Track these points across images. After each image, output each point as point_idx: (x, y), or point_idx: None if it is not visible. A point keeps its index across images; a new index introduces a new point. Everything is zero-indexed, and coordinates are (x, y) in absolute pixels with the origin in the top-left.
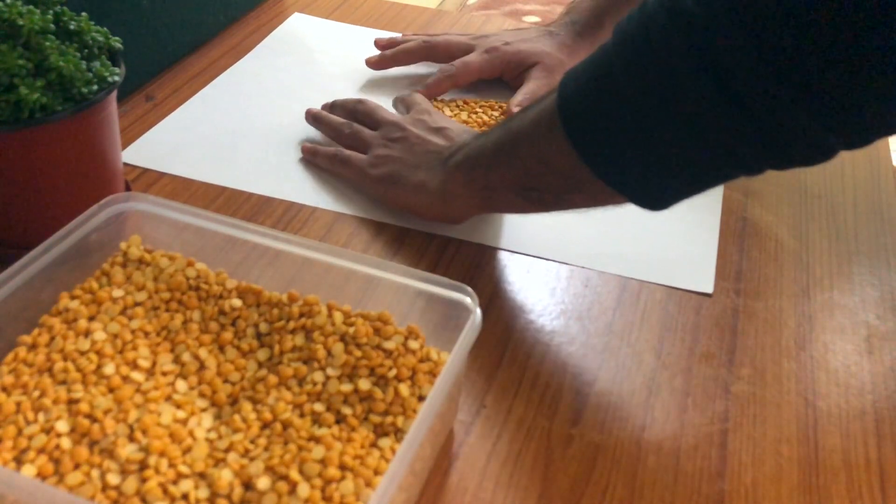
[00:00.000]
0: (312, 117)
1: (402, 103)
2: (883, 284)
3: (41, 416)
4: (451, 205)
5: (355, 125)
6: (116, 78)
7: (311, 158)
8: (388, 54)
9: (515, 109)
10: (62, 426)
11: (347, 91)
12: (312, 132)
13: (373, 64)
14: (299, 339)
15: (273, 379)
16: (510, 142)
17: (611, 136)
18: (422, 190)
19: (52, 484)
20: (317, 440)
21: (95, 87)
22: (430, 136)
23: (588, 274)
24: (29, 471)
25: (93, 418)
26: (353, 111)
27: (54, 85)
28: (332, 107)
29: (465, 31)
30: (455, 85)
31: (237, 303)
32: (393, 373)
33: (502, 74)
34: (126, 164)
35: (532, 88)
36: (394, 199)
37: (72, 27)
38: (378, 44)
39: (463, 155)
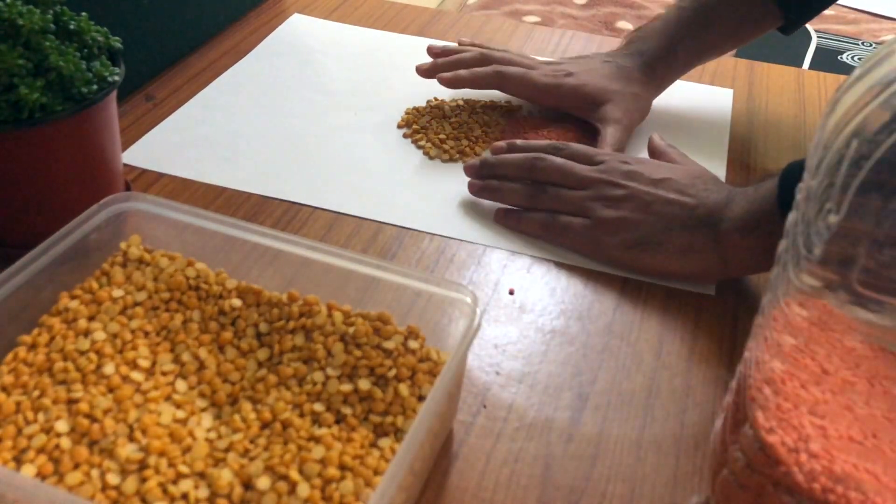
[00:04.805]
0: (481, 190)
1: (569, 153)
2: None
3: (41, 416)
4: (733, 267)
5: (551, 189)
6: (116, 78)
7: (514, 225)
8: (467, 76)
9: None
10: (62, 426)
11: (347, 92)
12: (312, 134)
13: (447, 80)
14: (299, 339)
15: (273, 379)
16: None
17: None
18: (690, 253)
19: (52, 484)
20: (317, 440)
21: (95, 87)
22: (661, 192)
23: (588, 274)
24: (29, 470)
25: (92, 418)
26: (530, 170)
27: (54, 85)
28: (495, 166)
29: (464, 32)
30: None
31: (237, 303)
32: (393, 373)
33: (567, 109)
34: (126, 165)
35: (617, 139)
36: (648, 264)
37: (72, 27)
38: (434, 48)
39: (736, 219)
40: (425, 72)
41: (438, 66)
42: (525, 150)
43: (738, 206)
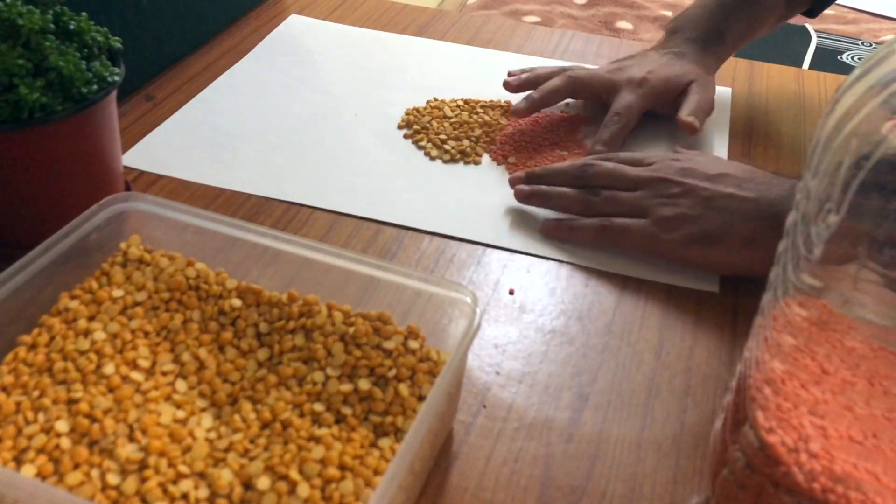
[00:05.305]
0: (530, 196)
1: (620, 160)
2: None
3: (41, 416)
4: None
5: (605, 191)
6: (116, 78)
7: (565, 235)
8: (537, 97)
9: (689, 119)
10: (62, 426)
11: (347, 92)
12: (312, 134)
13: (524, 111)
14: (299, 339)
15: (273, 379)
16: None
17: None
18: (754, 246)
19: (52, 484)
20: (317, 440)
21: (95, 87)
22: (720, 187)
23: (588, 274)
24: (29, 471)
25: (93, 418)
26: (579, 177)
27: (54, 85)
28: (542, 176)
29: (464, 32)
30: (628, 132)
31: (237, 303)
32: (393, 373)
33: (653, 106)
34: (125, 167)
35: (698, 100)
36: (708, 259)
37: (72, 27)
38: (510, 86)
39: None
40: (524, 111)
41: (535, 101)
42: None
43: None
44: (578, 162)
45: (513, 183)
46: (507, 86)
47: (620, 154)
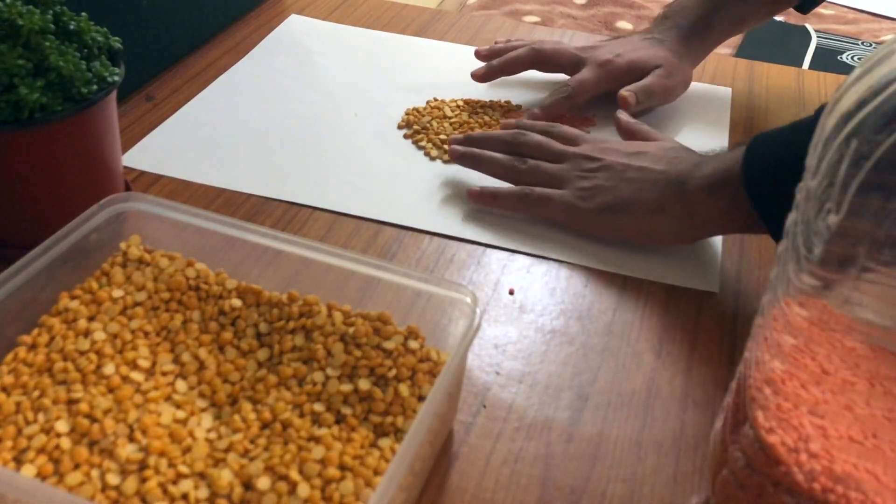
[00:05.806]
0: (462, 156)
1: (553, 135)
2: None
3: (41, 416)
4: (700, 226)
5: (530, 161)
6: (116, 78)
7: (489, 202)
8: (496, 64)
9: (625, 93)
10: (62, 426)
11: (347, 92)
12: (312, 134)
13: (480, 76)
14: (299, 339)
15: (273, 379)
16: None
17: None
18: (660, 213)
19: (52, 484)
20: (317, 440)
21: (95, 87)
22: (635, 161)
23: (588, 274)
24: (29, 471)
25: (92, 418)
26: (511, 143)
27: (54, 85)
28: (478, 140)
29: (464, 32)
30: (573, 106)
31: (237, 303)
32: (393, 373)
33: (616, 88)
34: (125, 167)
35: (648, 83)
36: (621, 227)
37: (71, 27)
38: (480, 54)
39: (704, 177)
40: (481, 76)
41: (494, 68)
42: (514, 126)
43: (708, 167)
44: (513, 130)
45: (450, 143)
46: (477, 54)
47: (562, 127)
